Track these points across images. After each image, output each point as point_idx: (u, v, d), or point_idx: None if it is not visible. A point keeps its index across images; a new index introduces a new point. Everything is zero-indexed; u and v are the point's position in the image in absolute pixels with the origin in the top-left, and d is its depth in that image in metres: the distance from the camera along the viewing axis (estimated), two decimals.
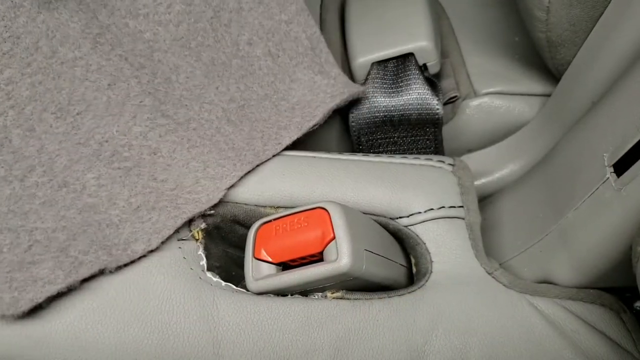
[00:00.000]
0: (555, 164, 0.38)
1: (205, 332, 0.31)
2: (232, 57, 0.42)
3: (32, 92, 0.35)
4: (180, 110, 0.38)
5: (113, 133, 0.36)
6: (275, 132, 0.40)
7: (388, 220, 0.37)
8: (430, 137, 0.49)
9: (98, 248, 0.32)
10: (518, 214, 0.40)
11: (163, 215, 0.34)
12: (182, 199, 0.35)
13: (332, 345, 0.32)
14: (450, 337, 0.33)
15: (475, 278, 0.35)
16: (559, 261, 0.34)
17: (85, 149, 0.35)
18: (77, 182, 0.34)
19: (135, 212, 0.34)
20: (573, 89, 0.44)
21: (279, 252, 0.32)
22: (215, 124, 0.39)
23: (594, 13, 0.41)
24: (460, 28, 0.55)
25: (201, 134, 0.38)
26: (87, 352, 0.30)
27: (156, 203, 0.35)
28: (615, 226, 0.30)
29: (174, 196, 0.35)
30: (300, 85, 0.44)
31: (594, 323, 0.34)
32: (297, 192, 0.37)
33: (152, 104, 0.37)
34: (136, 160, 0.36)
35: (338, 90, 0.44)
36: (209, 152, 0.37)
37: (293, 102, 0.43)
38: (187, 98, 0.39)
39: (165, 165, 0.36)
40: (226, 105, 0.40)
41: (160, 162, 0.36)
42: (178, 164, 0.36)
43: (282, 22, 0.45)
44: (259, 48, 0.43)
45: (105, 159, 0.35)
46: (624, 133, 0.31)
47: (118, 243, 0.33)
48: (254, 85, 0.42)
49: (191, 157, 0.37)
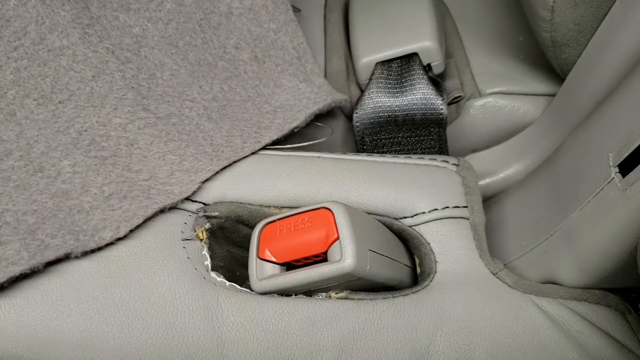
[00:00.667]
0: (559, 164, 0.38)
1: (210, 332, 0.31)
2: (218, 59, 0.43)
3: (16, 76, 0.35)
4: (161, 106, 0.38)
5: (93, 123, 0.36)
6: (256, 131, 0.41)
7: (392, 221, 0.37)
8: (434, 137, 0.49)
9: (66, 232, 0.32)
10: (522, 214, 0.40)
11: (134, 205, 0.34)
12: (154, 189, 0.36)
13: (336, 345, 0.32)
14: (454, 338, 0.33)
15: (480, 278, 0.35)
16: (564, 262, 0.34)
17: (64, 136, 0.35)
18: (53, 168, 0.34)
19: (106, 200, 0.34)
20: (578, 89, 0.43)
21: (282, 252, 0.32)
22: (195, 121, 0.39)
23: (599, 13, 0.40)
24: (465, 28, 0.55)
25: (180, 129, 0.38)
26: (92, 351, 0.30)
27: (128, 192, 0.35)
28: (620, 226, 0.30)
29: (146, 186, 0.36)
30: (284, 91, 0.44)
31: (599, 324, 0.34)
32: (301, 192, 0.37)
33: (134, 98, 0.37)
34: (113, 150, 0.36)
35: (321, 98, 0.44)
36: (186, 146, 0.37)
37: (276, 105, 0.43)
38: (170, 95, 0.39)
39: (142, 156, 0.36)
40: (208, 104, 0.40)
41: (137, 153, 0.36)
42: (154, 156, 0.37)
43: (271, 30, 0.45)
44: (246, 53, 0.44)
45: (82, 148, 0.35)
46: (629, 133, 0.31)
47: (86, 229, 0.33)
48: (237, 87, 0.43)
49: (168, 150, 0.37)
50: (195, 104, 0.40)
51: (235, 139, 0.39)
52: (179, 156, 0.37)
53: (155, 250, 0.33)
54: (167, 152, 0.37)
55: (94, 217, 0.34)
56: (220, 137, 0.39)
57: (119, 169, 0.36)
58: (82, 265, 0.32)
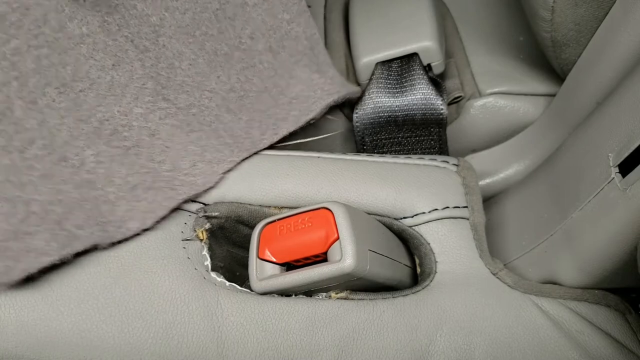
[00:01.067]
0: (560, 164, 0.38)
1: (210, 332, 0.31)
2: (234, 49, 0.43)
3: (37, 65, 0.35)
4: (181, 96, 0.38)
5: (114, 113, 0.36)
6: (273, 122, 0.41)
7: (392, 221, 0.37)
8: (434, 137, 0.49)
9: (93, 224, 0.32)
10: (523, 214, 0.40)
11: (159, 196, 0.35)
12: (178, 180, 0.36)
13: (336, 345, 0.32)
14: (454, 338, 0.33)
15: (480, 278, 0.35)
16: (564, 262, 0.34)
17: (86, 125, 0.35)
18: (76, 158, 0.34)
19: (131, 191, 0.34)
20: (578, 89, 0.43)
21: (282, 253, 0.32)
22: (214, 112, 0.39)
23: (599, 13, 0.40)
24: (465, 28, 0.55)
25: (200, 120, 0.38)
26: (92, 351, 0.30)
27: (153, 183, 0.35)
28: (620, 226, 0.30)
29: (170, 177, 0.36)
30: (299, 82, 0.44)
31: (599, 324, 0.34)
32: (301, 192, 0.37)
33: (154, 88, 0.37)
34: (135, 141, 0.36)
35: (335, 89, 0.45)
36: (207, 137, 0.37)
37: (291, 96, 0.43)
38: (189, 85, 0.39)
39: (164, 147, 0.36)
40: (226, 95, 0.41)
41: (159, 144, 0.36)
42: (176, 147, 0.37)
43: (284, 20, 0.45)
44: (261, 43, 0.44)
45: (105, 137, 0.35)
46: (629, 133, 0.31)
47: (113, 220, 0.33)
48: (254, 77, 0.43)
49: (189, 141, 0.37)
50: (214, 95, 0.40)
51: (254, 131, 0.40)
52: (200, 147, 0.37)
53: (155, 250, 0.33)
54: (188, 142, 0.37)
55: (120, 208, 0.34)
56: (239, 129, 0.39)
57: (142, 160, 0.36)
58: (82, 264, 0.32)
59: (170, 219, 0.35)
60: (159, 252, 0.33)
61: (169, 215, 0.35)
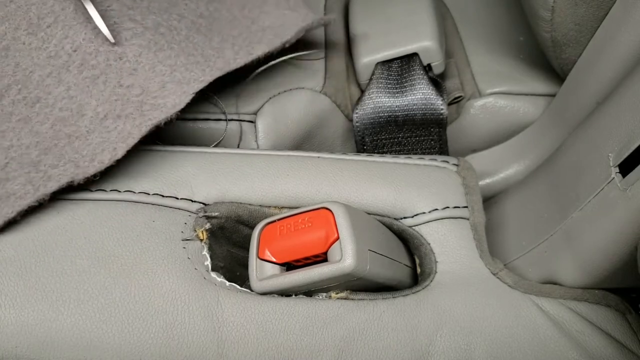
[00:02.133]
0: (560, 164, 0.38)
1: (210, 332, 0.31)
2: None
3: (4, 12, 0.36)
4: (148, 17, 0.38)
5: (80, 41, 0.36)
6: (247, 44, 0.41)
7: (392, 221, 0.37)
8: (434, 137, 0.49)
9: (66, 161, 0.33)
10: (523, 214, 0.40)
11: (128, 124, 0.35)
12: (147, 104, 0.36)
13: (336, 345, 0.32)
14: (454, 338, 0.33)
15: (480, 278, 0.35)
16: (564, 262, 0.34)
17: (55, 61, 0.36)
18: (49, 96, 0.35)
19: (102, 122, 0.35)
20: (578, 89, 0.43)
21: (282, 253, 0.32)
22: (184, 32, 0.39)
23: (599, 12, 0.40)
24: (465, 28, 0.55)
25: (169, 39, 0.38)
26: (92, 351, 0.30)
27: (122, 111, 0.35)
28: (621, 226, 0.30)
29: (139, 102, 0.36)
30: (270, 16, 0.44)
31: (599, 324, 0.34)
32: (301, 192, 0.37)
33: (119, 9, 0.37)
34: (103, 68, 0.36)
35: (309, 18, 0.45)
36: (176, 56, 0.37)
37: (264, 25, 0.43)
38: (156, 8, 0.39)
39: (131, 69, 0.36)
40: (196, 19, 0.40)
41: (126, 67, 0.36)
42: (144, 68, 0.36)
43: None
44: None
45: (74, 70, 0.36)
46: (630, 133, 0.31)
47: (85, 155, 0.33)
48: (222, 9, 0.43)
49: (157, 60, 0.37)
50: (183, 18, 0.40)
51: (227, 51, 0.39)
52: (169, 67, 0.37)
53: (155, 250, 0.33)
54: (156, 62, 0.37)
55: (92, 141, 0.34)
56: (210, 49, 0.39)
57: (110, 87, 0.36)
58: (82, 264, 0.32)
59: (170, 219, 0.35)
60: (159, 252, 0.33)
61: (169, 215, 0.35)
